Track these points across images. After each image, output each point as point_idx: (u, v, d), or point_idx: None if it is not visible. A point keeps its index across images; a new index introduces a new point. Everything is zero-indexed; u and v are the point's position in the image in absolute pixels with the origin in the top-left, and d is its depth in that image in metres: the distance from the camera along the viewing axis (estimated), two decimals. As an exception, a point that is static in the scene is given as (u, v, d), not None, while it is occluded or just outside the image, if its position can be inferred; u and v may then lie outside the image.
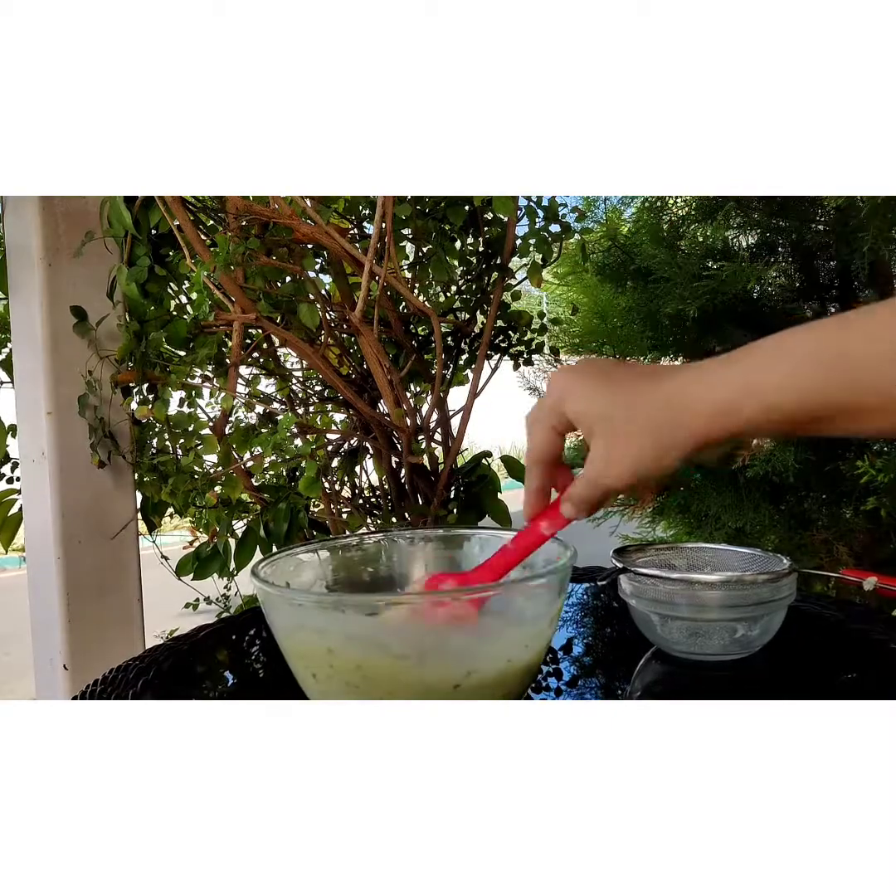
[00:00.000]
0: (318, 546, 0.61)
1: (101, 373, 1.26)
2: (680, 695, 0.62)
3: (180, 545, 1.41)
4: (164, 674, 0.67)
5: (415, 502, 1.28)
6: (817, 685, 0.62)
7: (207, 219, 1.30)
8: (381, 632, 0.44)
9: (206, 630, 0.78)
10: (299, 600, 0.49)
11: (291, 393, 1.42)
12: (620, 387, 0.43)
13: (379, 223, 1.04)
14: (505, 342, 1.35)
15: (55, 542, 1.24)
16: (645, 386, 0.42)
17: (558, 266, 1.97)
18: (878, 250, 1.39)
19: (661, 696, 0.63)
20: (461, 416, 1.30)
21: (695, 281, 1.51)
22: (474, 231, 1.28)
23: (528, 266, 1.25)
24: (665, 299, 1.56)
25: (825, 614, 0.76)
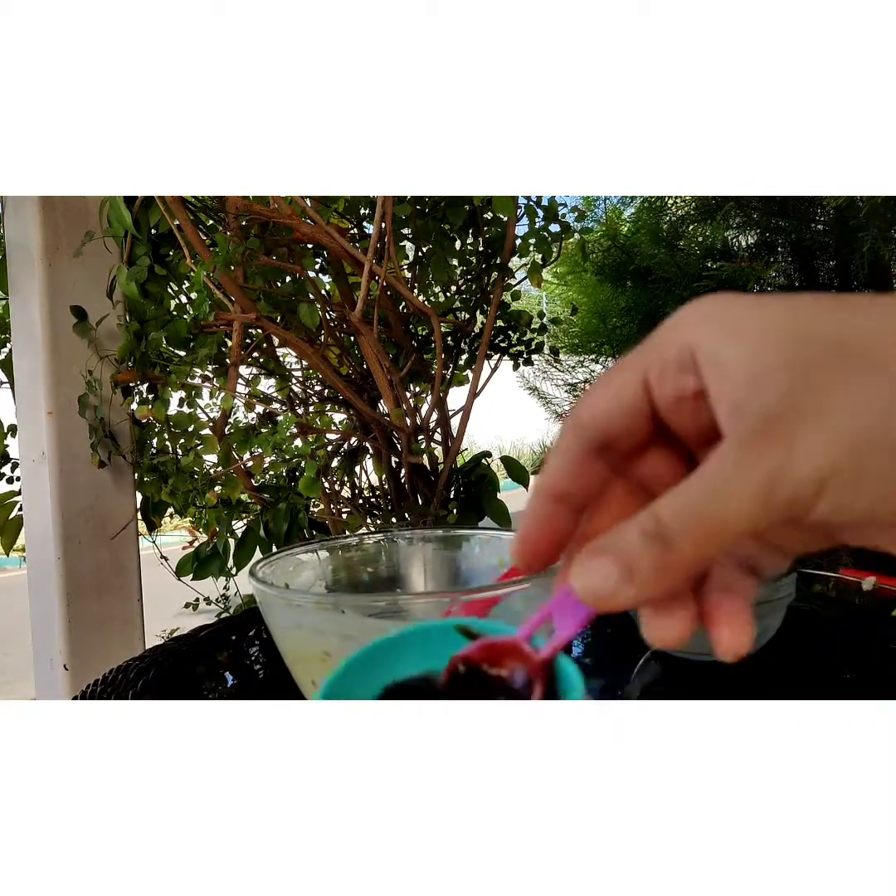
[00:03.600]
0: (318, 546, 0.61)
1: (101, 373, 1.26)
2: (679, 695, 0.62)
3: (180, 545, 1.41)
4: (164, 674, 0.67)
5: (415, 502, 1.28)
6: (817, 685, 0.62)
7: (207, 219, 1.30)
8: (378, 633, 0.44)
9: (206, 630, 0.78)
10: (297, 601, 0.49)
11: (291, 393, 1.42)
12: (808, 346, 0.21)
13: (379, 223, 1.04)
14: (505, 342, 1.35)
15: (55, 543, 1.24)
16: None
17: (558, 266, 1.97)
18: (877, 250, 1.39)
19: (660, 696, 0.63)
20: (461, 416, 1.30)
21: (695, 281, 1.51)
22: (474, 231, 1.28)
23: (528, 266, 1.25)
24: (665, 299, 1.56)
25: (825, 614, 0.76)
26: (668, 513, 0.21)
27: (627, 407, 0.24)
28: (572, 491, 0.25)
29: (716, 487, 0.20)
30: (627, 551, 0.21)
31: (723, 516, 0.20)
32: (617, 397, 0.24)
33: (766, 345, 0.21)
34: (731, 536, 0.20)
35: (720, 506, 0.20)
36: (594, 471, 0.25)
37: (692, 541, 0.20)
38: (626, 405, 0.23)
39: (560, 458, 0.25)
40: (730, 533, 0.20)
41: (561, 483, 0.25)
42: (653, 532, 0.21)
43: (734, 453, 0.20)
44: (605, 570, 0.21)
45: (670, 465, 0.24)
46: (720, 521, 0.20)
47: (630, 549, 0.21)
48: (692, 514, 0.20)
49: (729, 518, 0.20)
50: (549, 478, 0.25)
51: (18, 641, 3.01)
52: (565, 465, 0.25)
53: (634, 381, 0.23)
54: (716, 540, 0.20)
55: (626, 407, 0.24)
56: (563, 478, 0.25)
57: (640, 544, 0.21)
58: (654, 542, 0.21)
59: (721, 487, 0.20)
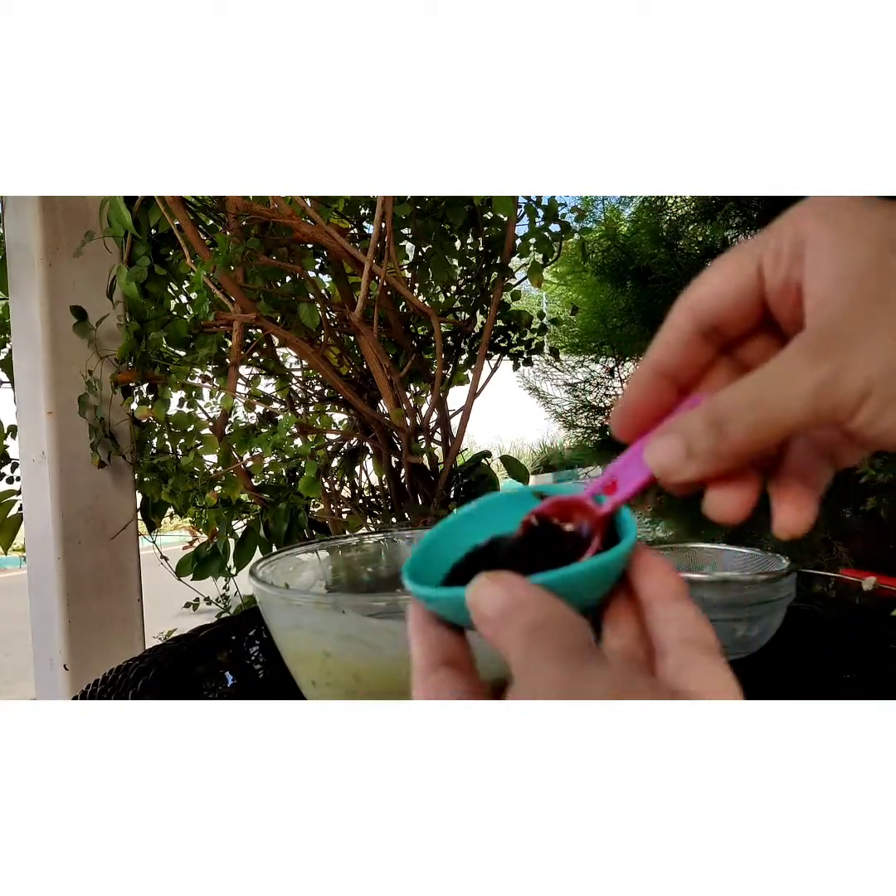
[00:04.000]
0: (318, 546, 0.61)
1: (101, 373, 1.26)
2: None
3: (180, 545, 1.41)
4: (164, 674, 0.67)
5: (415, 502, 1.28)
6: (817, 685, 0.62)
7: (207, 219, 1.30)
8: (378, 633, 0.44)
9: (206, 630, 0.78)
10: (297, 601, 0.49)
11: (291, 393, 1.42)
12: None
13: (379, 223, 1.04)
14: (505, 342, 1.35)
15: (55, 543, 1.24)
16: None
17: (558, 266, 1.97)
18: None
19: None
20: (461, 416, 1.30)
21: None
22: (474, 231, 1.28)
23: (528, 266, 1.25)
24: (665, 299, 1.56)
25: (825, 614, 0.76)
26: (727, 403, 0.22)
27: (740, 291, 0.24)
28: (677, 368, 0.26)
29: (771, 385, 0.22)
30: (690, 433, 0.23)
31: (772, 414, 0.21)
32: (730, 282, 0.24)
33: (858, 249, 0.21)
34: (780, 432, 0.22)
35: (772, 404, 0.21)
36: (701, 351, 0.25)
37: (743, 431, 0.22)
38: (739, 289, 0.24)
39: (669, 336, 0.25)
40: (778, 429, 0.22)
41: (667, 359, 0.26)
42: (712, 419, 0.22)
43: (796, 357, 0.21)
44: (672, 448, 0.23)
45: (773, 353, 0.24)
46: (770, 418, 0.22)
47: (692, 432, 0.23)
48: (745, 407, 0.22)
49: (778, 416, 0.21)
50: (657, 353, 0.26)
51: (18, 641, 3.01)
52: (674, 342, 0.25)
53: (749, 266, 0.24)
54: (764, 433, 0.22)
55: (739, 291, 0.24)
56: (670, 354, 0.25)
57: (700, 429, 0.23)
58: (711, 427, 0.22)
59: (776, 386, 0.21)
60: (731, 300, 0.24)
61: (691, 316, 0.25)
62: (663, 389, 0.26)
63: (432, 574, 0.27)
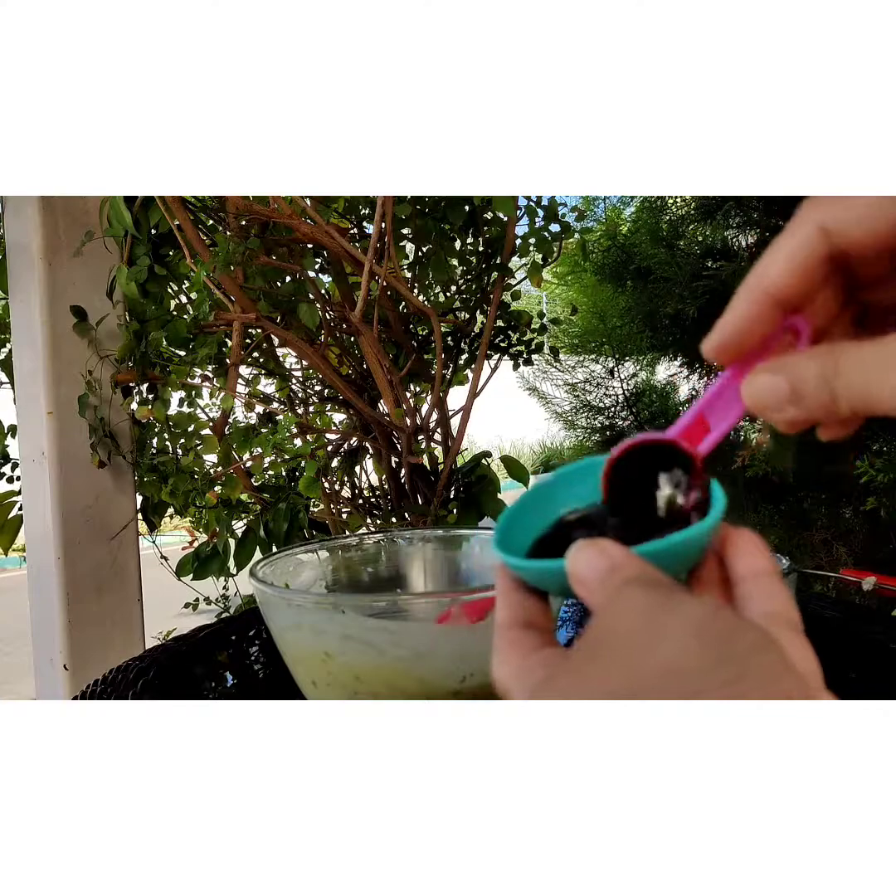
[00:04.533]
0: (318, 546, 0.61)
1: (101, 373, 1.26)
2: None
3: (180, 545, 1.41)
4: (163, 674, 0.67)
5: (415, 502, 1.28)
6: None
7: (207, 219, 1.30)
8: (378, 633, 0.44)
9: (206, 630, 0.78)
10: (297, 601, 0.49)
11: (291, 393, 1.42)
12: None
13: (379, 223, 1.04)
14: (505, 342, 1.35)
15: (55, 543, 1.24)
16: None
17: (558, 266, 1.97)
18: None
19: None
20: (461, 416, 1.30)
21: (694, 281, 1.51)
22: (474, 231, 1.28)
23: (528, 266, 1.25)
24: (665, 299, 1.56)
25: (825, 614, 0.76)
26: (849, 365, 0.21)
27: (884, 226, 0.21)
28: (795, 294, 0.23)
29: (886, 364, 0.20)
30: (802, 383, 0.22)
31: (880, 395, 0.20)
32: (873, 215, 0.21)
33: None
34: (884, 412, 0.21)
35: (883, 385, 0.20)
36: (825, 282, 0.23)
37: (857, 398, 0.21)
38: (883, 224, 0.21)
39: (791, 261, 0.22)
40: (881, 411, 0.21)
41: (787, 286, 0.23)
42: (829, 373, 0.21)
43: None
44: (779, 389, 0.22)
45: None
46: (878, 398, 0.21)
47: (804, 382, 0.22)
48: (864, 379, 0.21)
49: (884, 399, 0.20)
50: (774, 278, 0.23)
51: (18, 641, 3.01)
52: (798, 265, 0.22)
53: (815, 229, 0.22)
54: (877, 409, 0.21)
55: (882, 226, 0.21)
56: (792, 281, 0.23)
57: (811, 380, 0.22)
58: (825, 387, 0.21)
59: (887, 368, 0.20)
60: (871, 234, 0.21)
61: (825, 237, 0.22)
62: (772, 319, 0.23)
63: (517, 544, 0.28)
